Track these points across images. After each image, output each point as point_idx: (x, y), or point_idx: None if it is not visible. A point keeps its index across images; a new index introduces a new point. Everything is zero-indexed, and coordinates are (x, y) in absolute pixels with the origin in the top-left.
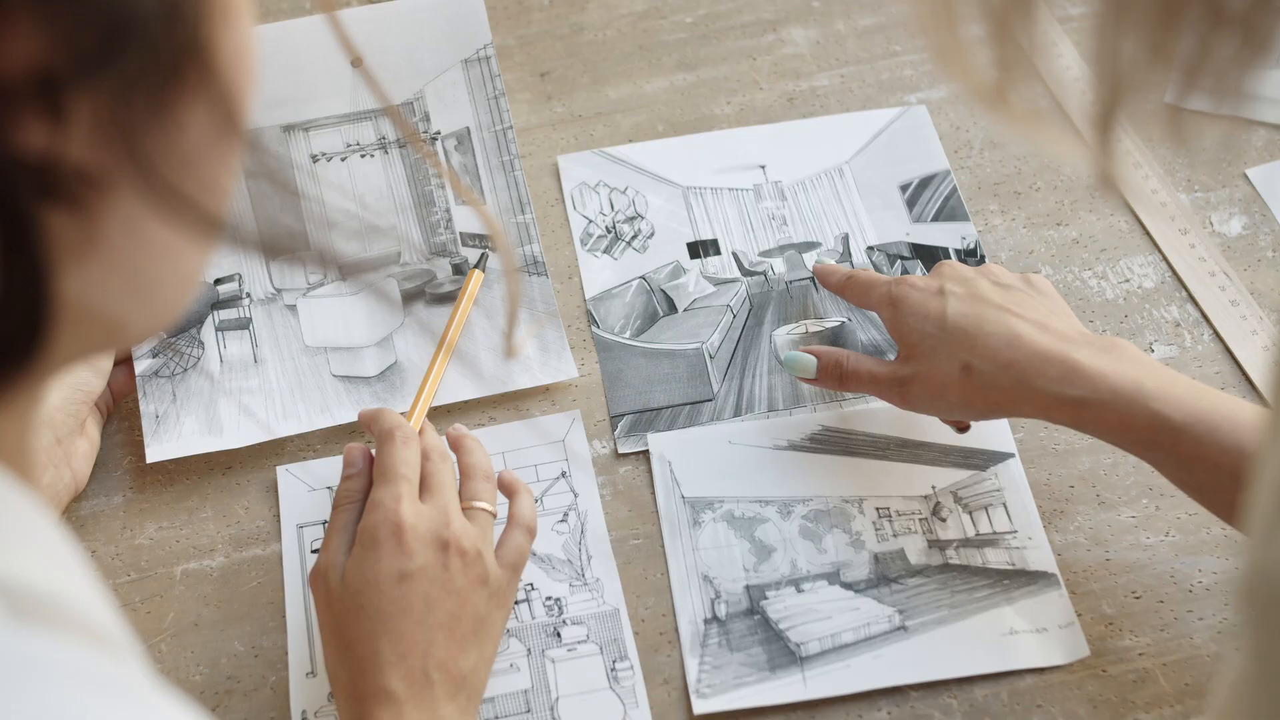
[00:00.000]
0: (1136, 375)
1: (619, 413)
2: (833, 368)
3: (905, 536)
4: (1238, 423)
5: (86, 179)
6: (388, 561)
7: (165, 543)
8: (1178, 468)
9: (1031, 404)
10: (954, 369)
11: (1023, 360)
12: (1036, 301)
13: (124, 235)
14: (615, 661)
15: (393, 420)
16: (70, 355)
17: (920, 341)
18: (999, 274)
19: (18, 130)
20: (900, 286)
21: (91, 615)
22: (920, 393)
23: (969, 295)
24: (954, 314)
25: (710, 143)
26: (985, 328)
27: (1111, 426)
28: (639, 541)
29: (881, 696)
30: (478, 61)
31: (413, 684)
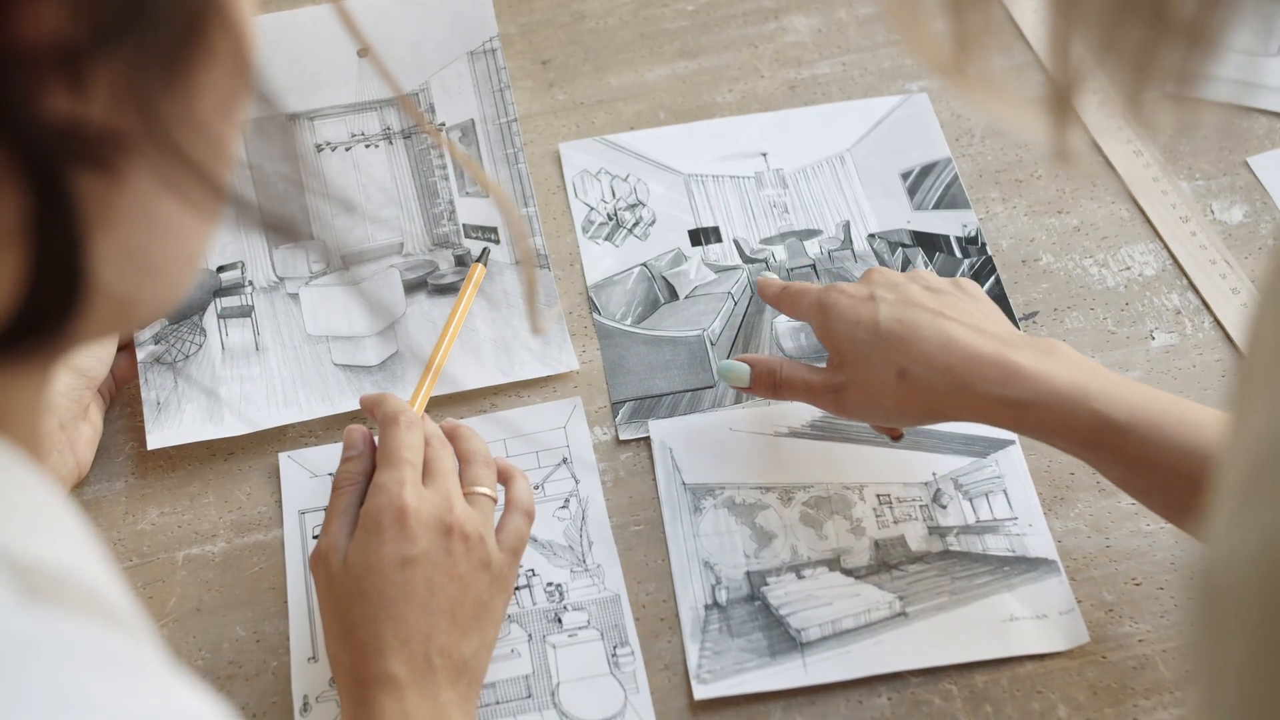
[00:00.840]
0: (1078, 376)
1: (620, 399)
2: (766, 376)
3: (906, 523)
4: (1182, 423)
5: (110, 141)
6: (391, 546)
7: (167, 528)
8: (1123, 469)
9: (970, 407)
10: (889, 375)
11: (960, 364)
12: (969, 305)
13: (136, 211)
14: (616, 647)
15: (397, 405)
16: (83, 336)
17: (853, 348)
18: (928, 279)
19: (45, 97)
20: (829, 294)
21: (105, 595)
22: (855, 399)
23: (900, 300)
24: (886, 319)
25: (712, 130)
26: (920, 332)
27: (1054, 428)
28: (640, 528)
29: (882, 682)
30: (483, 54)
31: (415, 669)
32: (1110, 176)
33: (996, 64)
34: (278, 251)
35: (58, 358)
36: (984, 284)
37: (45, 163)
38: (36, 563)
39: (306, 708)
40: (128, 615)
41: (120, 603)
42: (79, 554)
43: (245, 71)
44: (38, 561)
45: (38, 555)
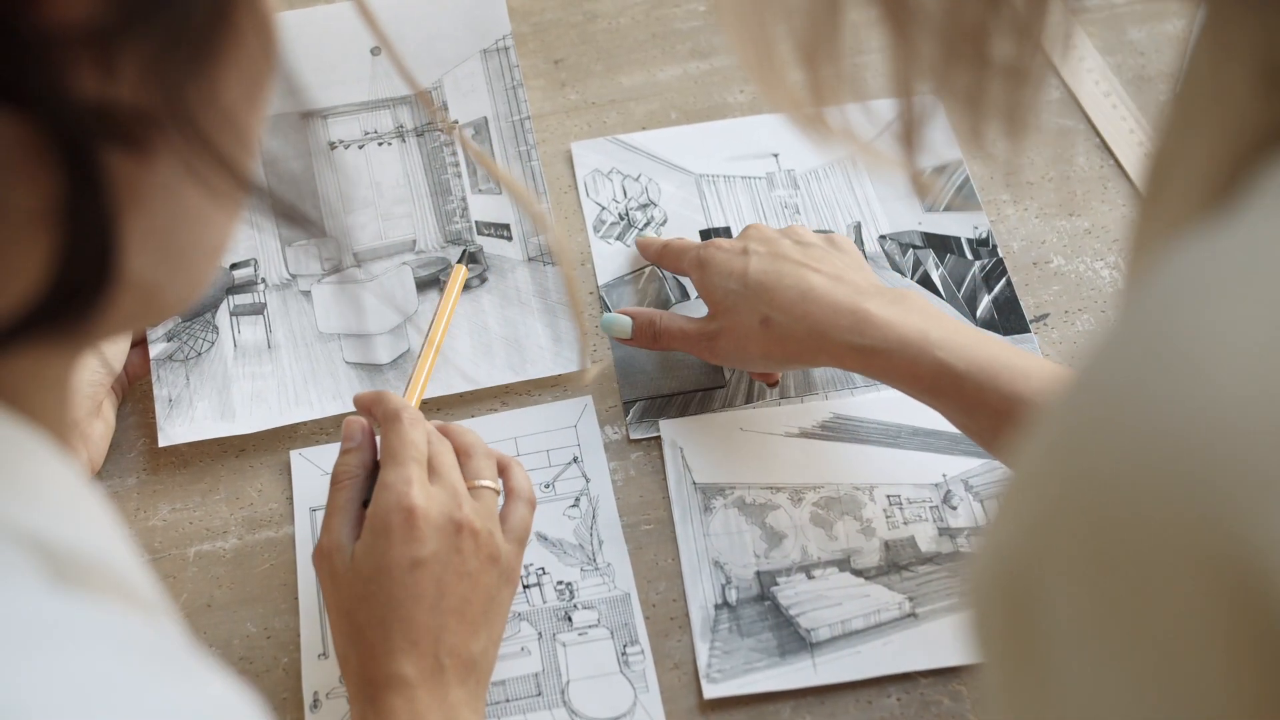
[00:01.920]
0: (923, 325)
1: (631, 399)
2: (646, 327)
3: (916, 524)
4: (1016, 371)
5: (139, 122)
6: (400, 548)
7: (178, 524)
8: (961, 414)
9: (826, 353)
10: (754, 322)
11: (817, 311)
12: (834, 257)
13: (162, 197)
14: (626, 646)
15: (398, 401)
16: (110, 325)
17: (724, 298)
18: (801, 234)
19: (75, 78)
20: (707, 249)
21: (132, 581)
22: (725, 346)
23: (770, 254)
24: (755, 270)
25: (723, 131)
26: (783, 281)
27: (900, 374)
28: (650, 527)
29: (891, 683)
30: (496, 52)
31: (424, 669)
32: (1121, 180)
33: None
34: (290, 249)
35: (84, 344)
36: (995, 286)
37: (78, 141)
38: (66, 547)
39: (317, 704)
40: (155, 602)
41: (147, 589)
42: (106, 540)
43: (271, 61)
44: (67, 546)
45: (67, 540)
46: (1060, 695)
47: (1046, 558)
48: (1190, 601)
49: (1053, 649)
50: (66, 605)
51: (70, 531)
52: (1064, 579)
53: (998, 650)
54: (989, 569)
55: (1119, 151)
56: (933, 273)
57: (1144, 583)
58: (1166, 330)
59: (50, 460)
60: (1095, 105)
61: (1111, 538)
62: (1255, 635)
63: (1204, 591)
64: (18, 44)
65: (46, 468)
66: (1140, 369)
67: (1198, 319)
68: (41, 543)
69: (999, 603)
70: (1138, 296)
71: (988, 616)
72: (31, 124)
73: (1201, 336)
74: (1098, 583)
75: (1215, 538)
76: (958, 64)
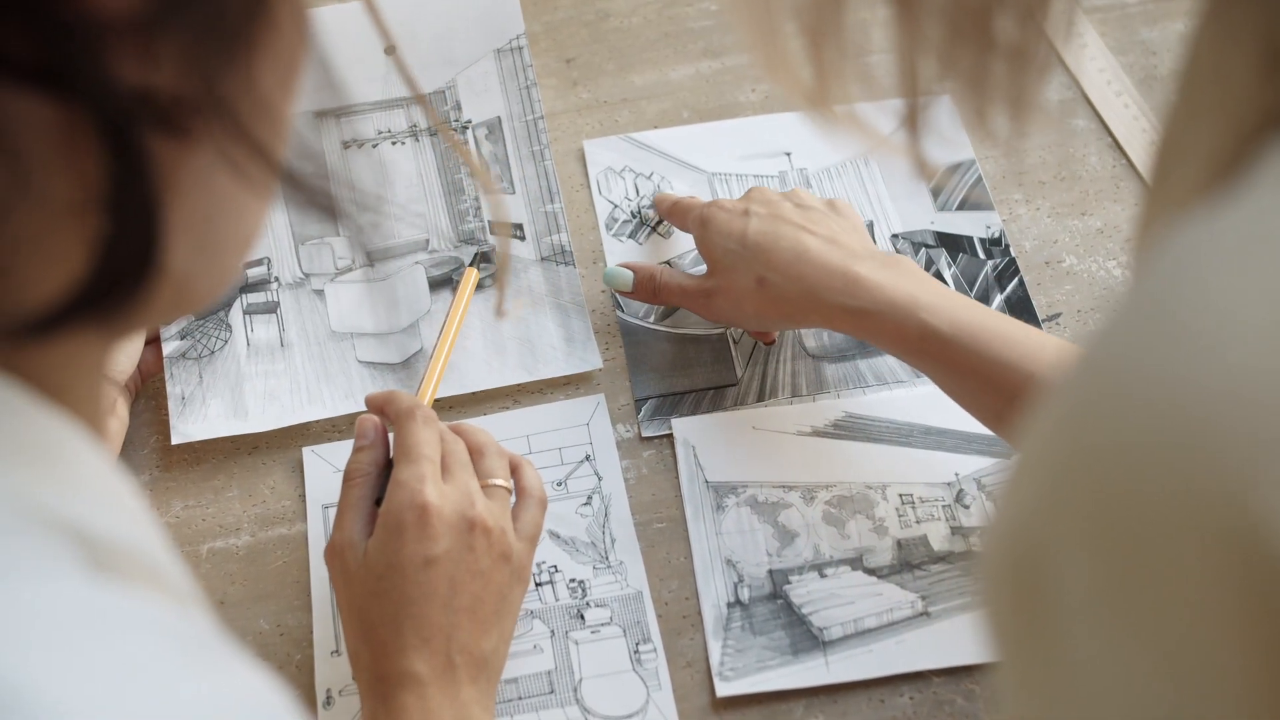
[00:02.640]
0: (912, 289)
1: (643, 397)
2: (647, 281)
3: (928, 523)
4: (1001, 336)
5: (180, 108)
6: (413, 546)
7: (191, 521)
8: (946, 376)
9: (818, 313)
10: (750, 282)
11: (811, 273)
12: (831, 220)
13: (199, 186)
14: (638, 644)
15: (411, 400)
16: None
17: (723, 257)
18: (803, 197)
19: (118, 65)
20: (709, 208)
21: (165, 569)
22: (721, 304)
23: (770, 215)
24: (753, 231)
25: (736, 129)
26: (780, 243)
27: (888, 336)
28: (663, 525)
29: (904, 682)
30: (510, 51)
31: (436, 667)
32: (1133, 179)
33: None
34: (304, 248)
35: (121, 334)
36: (1007, 286)
37: (122, 127)
38: (102, 536)
39: (330, 701)
40: (186, 591)
41: (178, 578)
42: (140, 529)
43: (306, 50)
44: (103, 535)
45: (103, 528)
46: (1072, 671)
47: (1055, 533)
48: (1199, 572)
49: (1063, 625)
50: (103, 594)
51: (106, 520)
52: (1073, 554)
53: (1009, 629)
54: (999, 547)
55: (1131, 151)
56: (945, 272)
57: (1153, 555)
58: (1171, 306)
59: (85, 449)
60: (1107, 105)
61: (1119, 511)
62: (1264, 605)
63: (1213, 562)
64: (63, 31)
65: (81, 456)
66: (1146, 344)
67: (1203, 294)
68: (79, 531)
69: (1009, 581)
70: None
71: (998, 595)
72: (75, 111)
73: (1207, 311)
74: (1106, 557)
75: (1222, 508)
76: (962, 45)
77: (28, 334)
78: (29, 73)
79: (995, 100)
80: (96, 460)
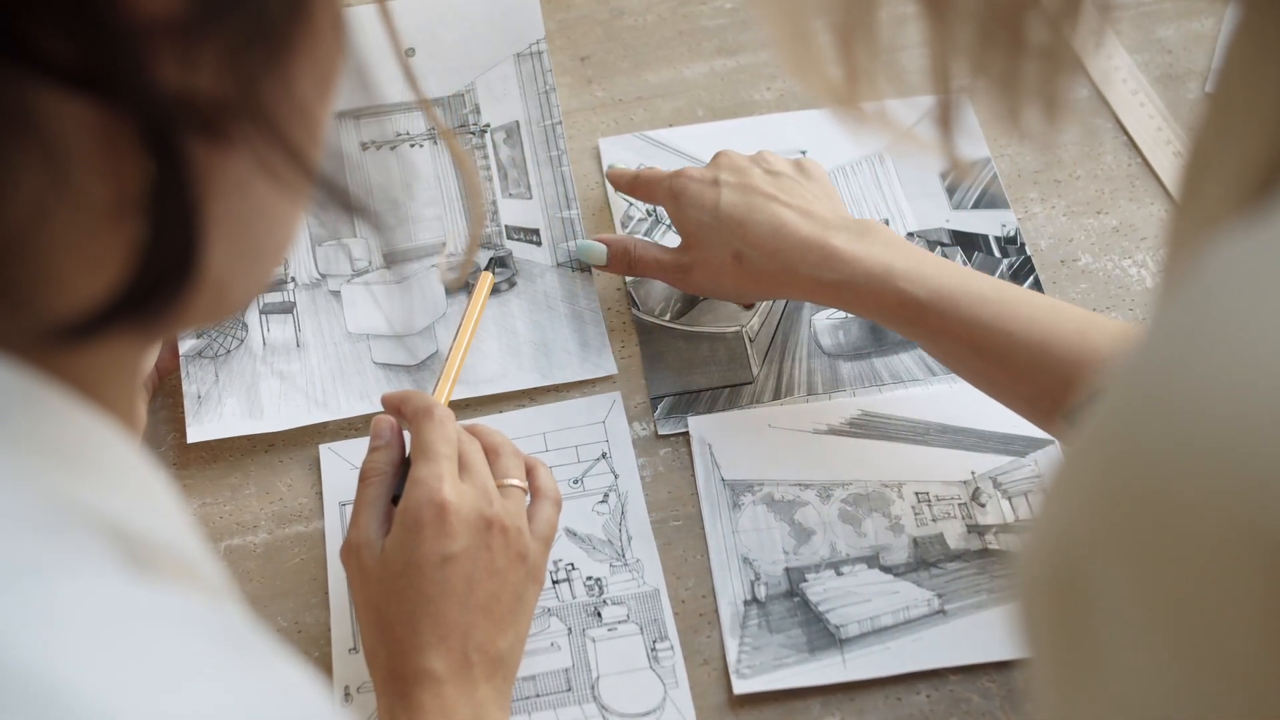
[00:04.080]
0: (887, 257)
1: (658, 395)
2: (621, 254)
3: (944, 521)
4: (975, 296)
5: (220, 112)
6: (430, 544)
7: (209, 519)
8: (927, 341)
9: (797, 287)
10: (727, 256)
11: (787, 248)
12: (803, 188)
13: (237, 190)
14: (655, 641)
15: (427, 399)
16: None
17: (697, 230)
18: (772, 161)
19: (158, 69)
20: (679, 179)
21: (201, 565)
22: (700, 278)
23: (740, 185)
24: (726, 203)
25: (751, 127)
26: (754, 216)
27: (867, 306)
28: (679, 523)
29: (920, 679)
30: (529, 56)
31: (453, 665)
32: (1149, 178)
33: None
34: (320, 248)
35: (158, 337)
36: (1024, 284)
37: (163, 131)
38: (140, 532)
39: (348, 698)
40: (222, 587)
41: (214, 574)
42: (176, 525)
43: (342, 55)
44: (141, 531)
45: (141, 525)
46: (1109, 679)
47: (1096, 542)
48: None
49: (1102, 632)
50: (143, 591)
51: (144, 517)
52: (1113, 563)
53: (1047, 638)
54: (1037, 555)
55: (1146, 150)
56: None
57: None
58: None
59: (122, 447)
60: (1123, 103)
61: (1160, 523)
62: None
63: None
64: (104, 34)
65: (119, 454)
66: (1186, 355)
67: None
68: (118, 528)
69: (1048, 590)
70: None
71: (1036, 604)
72: (116, 114)
73: (1247, 323)
74: (1147, 567)
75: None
76: (994, 47)
77: (69, 337)
78: (70, 75)
79: (1027, 99)
80: (133, 458)
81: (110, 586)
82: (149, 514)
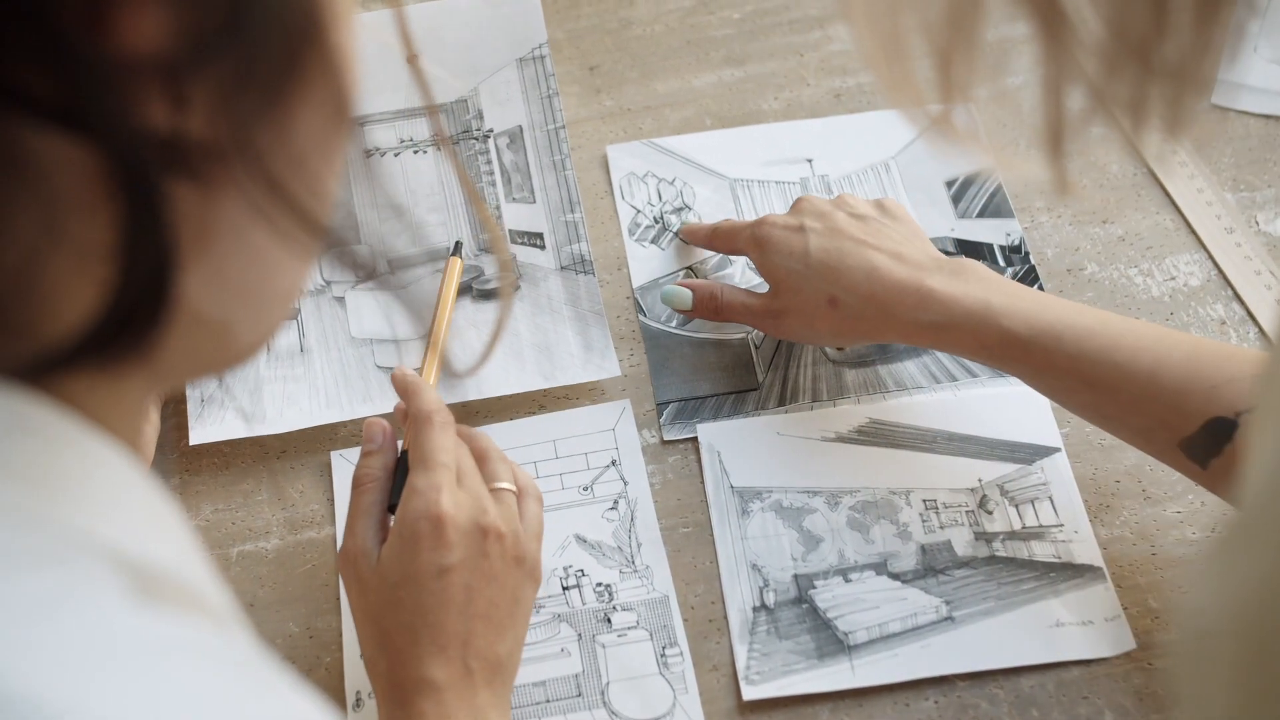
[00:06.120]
0: (984, 295)
1: (664, 400)
2: (708, 300)
3: (952, 528)
4: (1079, 330)
5: (207, 156)
6: (427, 556)
7: (221, 524)
8: (1031, 377)
9: (895, 331)
10: (821, 302)
11: (882, 292)
12: (891, 229)
13: (232, 235)
14: (665, 647)
15: (432, 401)
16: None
17: (787, 277)
18: (854, 204)
19: (144, 108)
20: (762, 227)
21: (209, 595)
22: (792, 323)
23: (828, 230)
24: (816, 250)
25: (758, 136)
26: (846, 261)
27: (969, 345)
28: (688, 530)
29: (929, 686)
30: (532, 60)
31: (453, 674)
32: (1154, 187)
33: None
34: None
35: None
36: None
37: (141, 172)
38: (145, 561)
39: (359, 703)
40: (228, 614)
41: (221, 601)
42: (182, 552)
43: (345, 119)
44: (146, 559)
45: (145, 553)
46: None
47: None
48: None
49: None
50: (148, 620)
51: (150, 545)
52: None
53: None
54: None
55: (1152, 160)
56: None
57: None
58: None
59: (127, 471)
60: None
61: None
62: None
63: None
64: (84, 70)
65: (123, 479)
66: None
67: None
68: (121, 556)
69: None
70: None
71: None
72: (96, 152)
73: None
74: None
75: None
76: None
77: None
78: (49, 111)
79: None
80: (138, 482)
81: (114, 616)
82: (153, 540)
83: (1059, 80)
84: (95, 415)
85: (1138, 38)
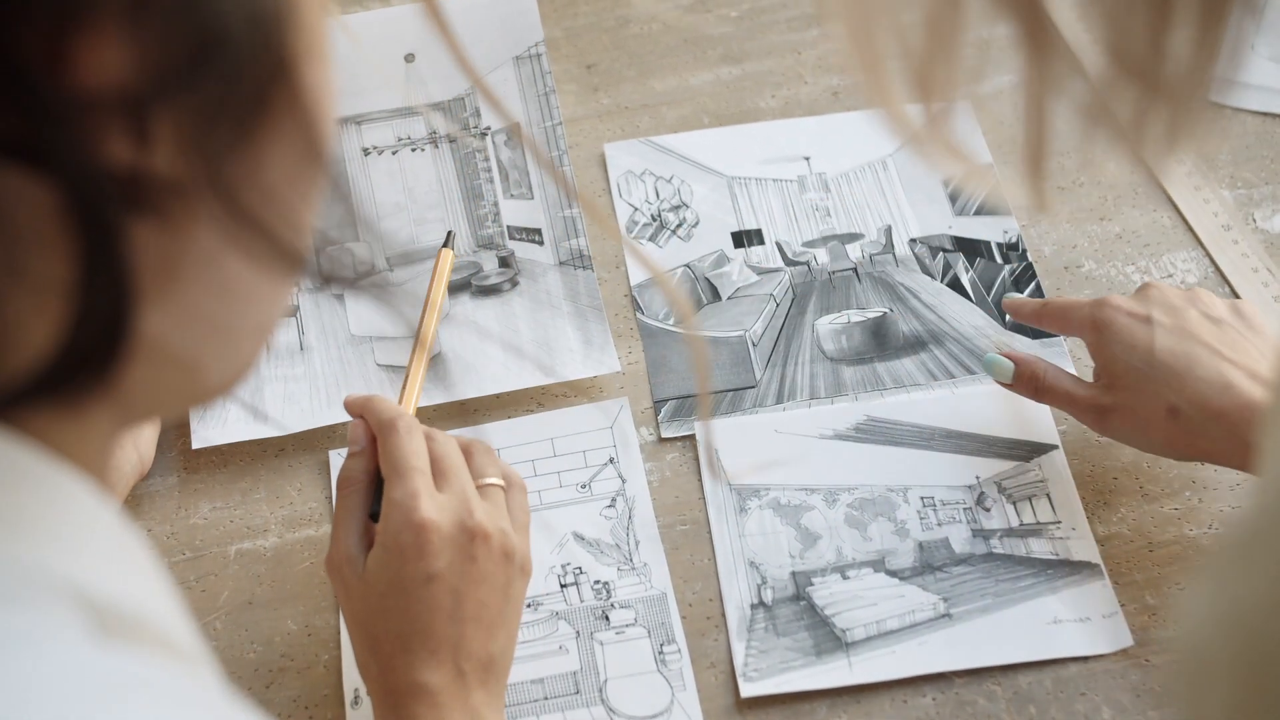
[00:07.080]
0: None
1: (662, 398)
2: (1029, 378)
3: (950, 525)
4: None
5: (172, 193)
6: (413, 565)
7: (219, 523)
8: None
9: (1243, 457)
10: (1159, 408)
11: (1235, 411)
12: (1247, 342)
13: (201, 270)
14: (663, 645)
15: (390, 409)
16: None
17: (1125, 373)
18: (1209, 303)
19: (104, 143)
20: (1104, 310)
21: (174, 633)
22: (1120, 425)
23: (1178, 328)
24: (1162, 349)
25: (756, 133)
26: (1195, 370)
27: None
28: (686, 527)
29: (926, 683)
30: (529, 59)
31: (445, 677)
32: (1152, 185)
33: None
34: (323, 253)
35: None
36: (1025, 290)
37: (98, 209)
38: (109, 599)
39: (358, 701)
40: (195, 653)
41: (187, 640)
42: (148, 589)
43: (317, 155)
44: (110, 598)
45: (110, 591)
46: None
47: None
48: None
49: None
50: (109, 659)
51: (113, 582)
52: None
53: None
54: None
55: None
56: (962, 276)
57: None
58: None
59: (92, 505)
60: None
61: None
62: None
63: None
64: (42, 105)
65: (89, 515)
66: None
67: None
68: (84, 594)
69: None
70: None
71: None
72: (54, 188)
73: None
74: None
75: None
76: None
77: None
78: (6, 146)
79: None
80: (104, 516)
81: (78, 656)
82: (119, 578)
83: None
84: (61, 450)
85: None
